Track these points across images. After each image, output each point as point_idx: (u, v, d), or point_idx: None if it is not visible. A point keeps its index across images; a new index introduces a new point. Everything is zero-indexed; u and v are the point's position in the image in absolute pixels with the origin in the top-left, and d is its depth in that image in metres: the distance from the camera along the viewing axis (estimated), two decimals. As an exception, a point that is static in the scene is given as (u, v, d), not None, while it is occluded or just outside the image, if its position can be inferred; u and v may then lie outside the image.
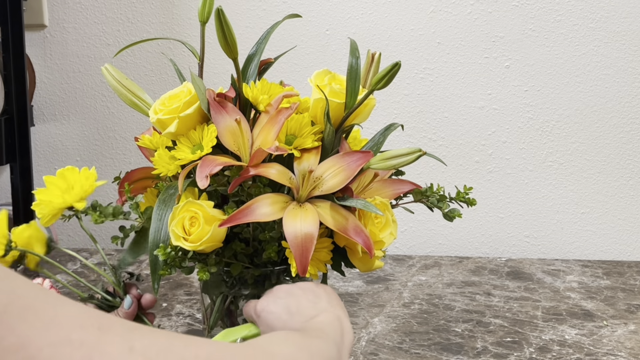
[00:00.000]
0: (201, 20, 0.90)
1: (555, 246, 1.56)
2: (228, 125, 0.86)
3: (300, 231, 0.81)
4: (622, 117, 1.52)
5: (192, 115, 0.87)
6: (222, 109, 0.87)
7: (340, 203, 0.86)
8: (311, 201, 0.86)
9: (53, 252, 0.94)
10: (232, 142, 0.86)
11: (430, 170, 1.51)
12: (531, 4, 1.49)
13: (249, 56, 0.95)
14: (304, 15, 1.47)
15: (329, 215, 0.84)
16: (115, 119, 1.59)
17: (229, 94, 0.90)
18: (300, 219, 0.82)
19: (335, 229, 0.84)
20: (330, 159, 0.88)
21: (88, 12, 1.56)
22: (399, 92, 1.53)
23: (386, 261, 1.45)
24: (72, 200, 0.86)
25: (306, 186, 0.86)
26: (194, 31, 1.54)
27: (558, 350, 1.07)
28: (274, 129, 0.86)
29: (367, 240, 0.84)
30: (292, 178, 0.86)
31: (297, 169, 0.87)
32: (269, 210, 0.83)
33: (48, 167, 1.62)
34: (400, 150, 0.86)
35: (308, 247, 0.81)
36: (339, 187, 0.85)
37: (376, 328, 1.15)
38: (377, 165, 0.86)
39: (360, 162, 0.86)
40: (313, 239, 0.81)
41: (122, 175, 0.96)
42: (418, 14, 1.51)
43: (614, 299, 1.27)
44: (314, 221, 0.82)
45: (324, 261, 0.89)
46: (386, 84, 0.87)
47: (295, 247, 0.81)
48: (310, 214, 0.83)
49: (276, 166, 0.86)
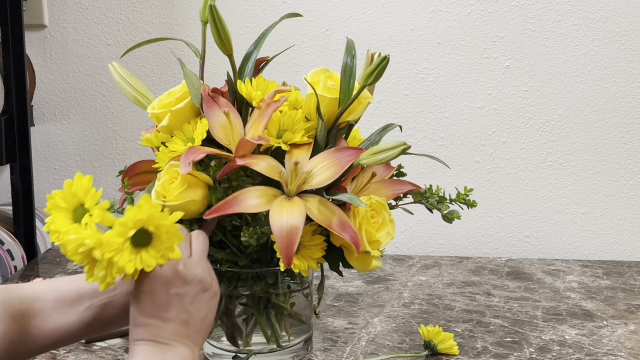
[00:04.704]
0: (202, 20, 0.91)
1: (555, 246, 1.56)
2: (219, 120, 0.87)
3: (286, 223, 0.82)
4: (622, 117, 1.51)
5: (184, 110, 0.89)
6: (214, 103, 0.88)
7: (327, 197, 0.87)
8: (300, 196, 0.87)
9: (53, 253, 0.94)
10: (223, 136, 0.87)
11: (430, 170, 1.51)
12: (531, 4, 1.49)
13: (247, 54, 0.95)
14: (304, 15, 1.46)
15: (316, 209, 0.84)
16: (115, 119, 1.59)
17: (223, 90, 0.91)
18: (286, 211, 0.83)
19: (321, 223, 0.84)
20: (321, 154, 0.88)
21: (88, 12, 1.56)
22: (399, 92, 1.53)
23: (386, 261, 1.45)
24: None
25: (296, 180, 0.86)
26: (194, 31, 1.54)
27: (558, 350, 1.07)
28: (262, 122, 0.87)
29: (354, 235, 0.84)
30: (282, 172, 0.86)
31: (288, 163, 0.87)
32: (257, 202, 0.84)
33: (48, 167, 1.62)
34: (386, 145, 0.86)
35: (293, 240, 0.81)
36: (328, 181, 0.86)
37: (376, 328, 1.15)
38: (366, 160, 0.87)
39: (351, 157, 0.86)
40: (298, 231, 0.82)
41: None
42: (418, 14, 1.51)
43: (614, 299, 1.27)
44: (300, 214, 0.83)
45: (315, 258, 0.89)
46: (376, 78, 0.87)
47: (280, 239, 0.82)
48: (297, 206, 0.83)
49: (267, 159, 0.87)
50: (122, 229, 0.69)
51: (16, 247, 1.40)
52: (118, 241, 0.69)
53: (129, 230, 0.69)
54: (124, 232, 0.69)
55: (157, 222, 0.70)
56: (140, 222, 0.70)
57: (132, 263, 0.70)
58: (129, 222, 0.69)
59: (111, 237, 0.69)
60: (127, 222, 0.69)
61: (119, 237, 0.69)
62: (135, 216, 0.69)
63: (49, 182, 1.62)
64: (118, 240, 0.69)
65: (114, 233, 0.69)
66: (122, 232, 0.69)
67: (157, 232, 0.70)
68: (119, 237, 0.69)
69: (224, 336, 0.99)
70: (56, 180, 1.62)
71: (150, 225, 0.70)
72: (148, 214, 0.70)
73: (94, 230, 0.70)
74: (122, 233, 0.69)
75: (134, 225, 0.69)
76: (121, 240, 0.69)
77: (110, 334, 1.11)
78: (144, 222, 0.70)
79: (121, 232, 0.69)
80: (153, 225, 0.70)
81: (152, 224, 0.70)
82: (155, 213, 0.70)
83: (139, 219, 0.69)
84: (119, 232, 0.69)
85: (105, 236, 0.69)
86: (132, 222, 0.69)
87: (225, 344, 0.99)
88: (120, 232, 0.69)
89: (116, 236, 0.69)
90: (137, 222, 0.70)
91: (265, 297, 0.96)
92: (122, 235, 0.69)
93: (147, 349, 0.73)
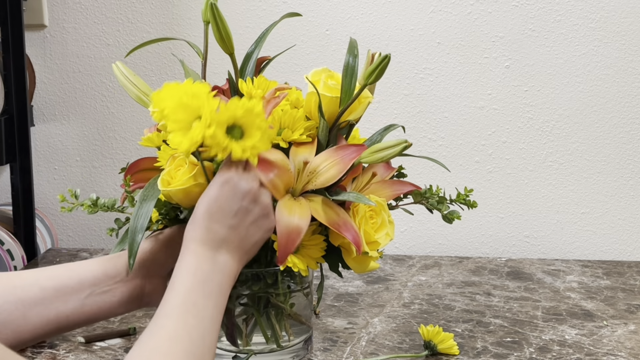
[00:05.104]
0: (204, 20, 0.91)
1: (555, 246, 1.56)
2: None
3: (291, 223, 0.82)
4: (622, 117, 1.51)
5: None
6: None
7: (332, 198, 0.86)
8: (304, 195, 0.87)
9: (52, 253, 0.94)
10: None
11: (430, 170, 1.51)
12: (531, 4, 1.49)
13: (248, 53, 0.96)
14: (304, 15, 1.46)
15: (321, 210, 0.85)
16: (115, 119, 1.59)
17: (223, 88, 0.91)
18: (293, 211, 0.83)
19: (326, 224, 0.84)
20: (324, 152, 0.88)
21: (88, 12, 1.56)
22: (399, 92, 1.53)
23: (386, 261, 1.45)
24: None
25: (301, 180, 0.86)
26: (194, 31, 1.54)
27: (558, 350, 1.07)
28: None
29: (356, 236, 0.84)
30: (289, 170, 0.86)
31: (293, 162, 0.87)
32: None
33: (48, 167, 1.62)
34: (388, 143, 0.86)
35: (294, 239, 0.82)
36: (333, 180, 0.86)
37: (376, 328, 1.15)
38: (367, 158, 0.87)
39: (353, 155, 0.86)
40: (301, 232, 0.82)
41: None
42: (418, 14, 1.51)
43: (614, 299, 1.27)
44: (306, 215, 0.83)
45: (314, 258, 0.89)
46: (377, 77, 0.87)
47: (281, 236, 0.82)
48: (303, 207, 0.84)
49: (278, 153, 0.87)
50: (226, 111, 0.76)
51: (16, 247, 1.40)
52: (224, 116, 0.75)
53: (229, 113, 0.76)
54: (230, 110, 0.76)
55: (252, 120, 0.77)
56: (240, 111, 0.76)
57: (225, 139, 0.75)
58: (229, 108, 0.76)
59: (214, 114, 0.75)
60: (229, 107, 0.76)
61: (226, 111, 0.76)
62: (236, 104, 0.76)
63: (49, 182, 1.62)
64: (222, 115, 0.75)
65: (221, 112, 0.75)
66: (228, 110, 0.76)
67: (249, 129, 0.77)
68: (226, 112, 0.76)
69: (224, 336, 0.99)
70: (56, 180, 1.62)
71: (244, 120, 0.77)
72: (244, 109, 0.76)
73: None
74: (229, 110, 0.76)
75: (236, 110, 0.76)
76: (226, 115, 0.75)
77: (110, 334, 1.11)
78: (240, 116, 0.76)
79: (228, 109, 0.76)
80: (247, 121, 0.77)
81: (245, 120, 0.77)
82: (251, 110, 0.76)
83: (240, 105, 0.76)
84: (227, 109, 0.76)
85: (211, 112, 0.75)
86: (233, 107, 0.76)
87: (225, 344, 0.99)
88: (227, 109, 0.76)
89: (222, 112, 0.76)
90: (238, 109, 0.76)
91: (265, 297, 0.96)
92: (227, 112, 0.76)
93: (199, 252, 0.76)
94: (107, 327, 1.15)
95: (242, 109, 0.76)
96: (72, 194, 0.94)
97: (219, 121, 0.75)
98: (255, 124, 0.76)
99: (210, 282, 0.76)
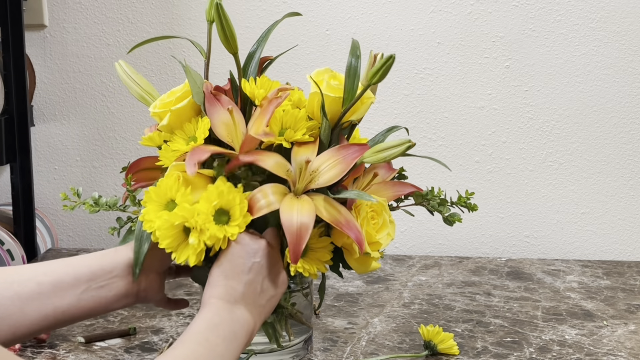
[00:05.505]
0: (208, 19, 0.91)
1: (555, 246, 1.56)
2: (221, 118, 0.87)
3: (297, 220, 0.82)
4: (622, 117, 1.52)
5: (184, 109, 0.89)
6: (216, 101, 0.88)
7: (334, 196, 0.86)
8: (307, 194, 0.87)
9: (52, 253, 0.94)
10: (225, 134, 0.87)
11: (430, 171, 1.51)
12: (531, 4, 1.49)
13: (250, 54, 0.95)
14: (304, 15, 1.47)
15: (324, 208, 0.84)
16: (115, 119, 1.59)
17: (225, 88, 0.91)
18: (296, 208, 0.83)
19: (329, 222, 0.84)
20: (326, 152, 0.88)
21: (88, 12, 1.56)
22: (399, 92, 1.53)
23: (386, 261, 1.45)
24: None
25: (303, 179, 0.86)
26: (194, 31, 1.54)
27: (558, 350, 1.07)
28: (264, 118, 0.86)
29: (358, 235, 0.84)
30: (289, 170, 0.86)
31: (295, 162, 0.87)
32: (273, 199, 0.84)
33: (48, 167, 1.62)
34: (391, 143, 0.86)
35: (303, 236, 0.82)
36: (335, 179, 0.86)
37: (376, 328, 1.15)
38: (370, 158, 0.87)
39: (356, 154, 0.86)
40: (308, 229, 0.82)
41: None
42: (418, 14, 1.51)
43: (614, 299, 1.27)
44: (310, 212, 0.83)
45: (323, 261, 0.89)
46: (382, 77, 0.87)
47: (290, 235, 0.81)
48: (307, 204, 0.84)
49: (275, 156, 0.86)
50: (207, 202, 0.81)
51: (16, 247, 1.40)
52: (207, 208, 0.80)
53: (213, 200, 0.81)
54: (211, 200, 0.81)
55: (232, 203, 0.82)
56: (222, 196, 0.81)
57: (221, 230, 0.80)
58: (211, 195, 0.81)
59: (200, 207, 0.80)
60: (210, 195, 0.81)
61: (207, 203, 0.80)
62: (217, 188, 0.81)
63: (49, 182, 1.62)
64: (207, 207, 0.80)
65: (201, 204, 0.80)
66: (209, 200, 0.81)
67: (232, 211, 0.82)
68: (207, 204, 0.80)
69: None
70: (56, 180, 1.62)
71: (227, 205, 0.82)
72: (226, 197, 0.82)
73: (184, 206, 0.81)
74: (209, 200, 0.81)
75: (217, 197, 0.81)
76: (210, 207, 0.80)
77: (110, 334, 1.11)
78: (222, 203, 0.81)
79: (208, 200, 0.81)
80: (229, 205, 0.82)
81: (228, 205, 0.82)
82: (229, 194, 0.82)
83: (220, 191, 0.81)
84: (207, 199, 0.81)
85: (195, 206, 0.80)
86: (214, 194, 0.81)
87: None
88: (207, 199, 0.81)
89: (204, 204, 0.80)
90: (220, 195, 0.81)
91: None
92: (209, 202, 0.80)
93: (217, 305, 0.80)
94: (107, 327, 1.15)
95: (216, 195, 0.81)
96: (74, 192, 0.94)
97: (205, 223, 0.80)
98: (235, 203, 0.82)
99: (226, 327, 0.79)
